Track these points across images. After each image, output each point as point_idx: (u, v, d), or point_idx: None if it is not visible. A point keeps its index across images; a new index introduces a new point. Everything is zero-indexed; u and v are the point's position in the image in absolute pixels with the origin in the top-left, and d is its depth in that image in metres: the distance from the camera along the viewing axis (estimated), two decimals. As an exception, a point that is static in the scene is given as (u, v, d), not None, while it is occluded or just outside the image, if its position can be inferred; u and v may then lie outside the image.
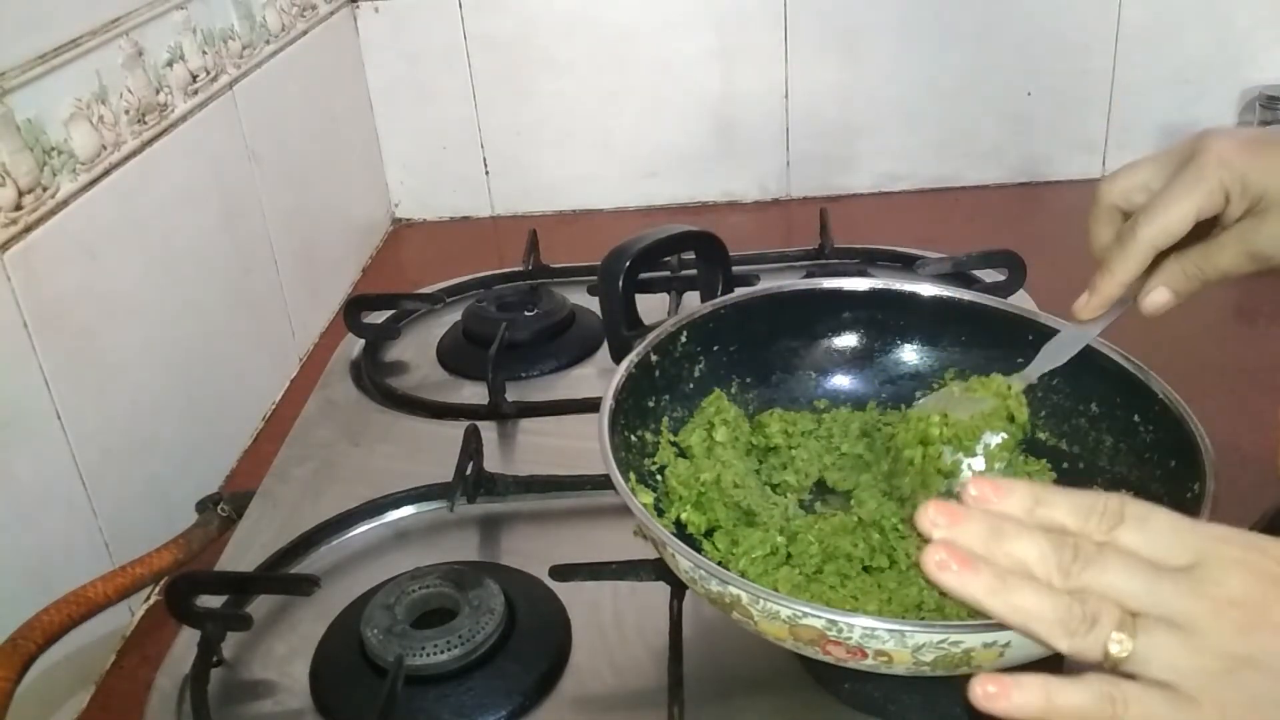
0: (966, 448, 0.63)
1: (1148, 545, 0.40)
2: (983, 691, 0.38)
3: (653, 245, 0.77)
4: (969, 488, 0.41)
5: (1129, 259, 0.58)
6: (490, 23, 1.28)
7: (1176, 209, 0.56)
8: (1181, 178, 0.56)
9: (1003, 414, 0.63)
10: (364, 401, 0.93)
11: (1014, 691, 0.38)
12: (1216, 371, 0.93)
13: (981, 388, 0.65)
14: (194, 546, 0.76)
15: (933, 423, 0.63)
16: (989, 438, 0.63)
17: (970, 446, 0.63)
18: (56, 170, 0.71)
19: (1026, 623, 0.39)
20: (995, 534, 0.40)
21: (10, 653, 0.60)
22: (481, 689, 0.62)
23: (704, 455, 0.66)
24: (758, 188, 1.36)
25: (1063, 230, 1.26)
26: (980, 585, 0.39)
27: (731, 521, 0.63)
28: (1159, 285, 0.59)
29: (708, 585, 0.52)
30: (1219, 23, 1.26)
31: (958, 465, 0.63)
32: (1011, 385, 0.64)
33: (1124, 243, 0.58)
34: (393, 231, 1.38)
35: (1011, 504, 0.41)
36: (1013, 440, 0.63)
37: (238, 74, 0.98)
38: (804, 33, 1.27)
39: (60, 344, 0.70)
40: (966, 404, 0.64)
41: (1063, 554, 0.39)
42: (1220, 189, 0.55)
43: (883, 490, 0.67)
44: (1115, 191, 0.60)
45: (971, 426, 0.63)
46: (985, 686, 0.38)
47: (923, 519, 0.40)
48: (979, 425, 0.63)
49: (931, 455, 0.63)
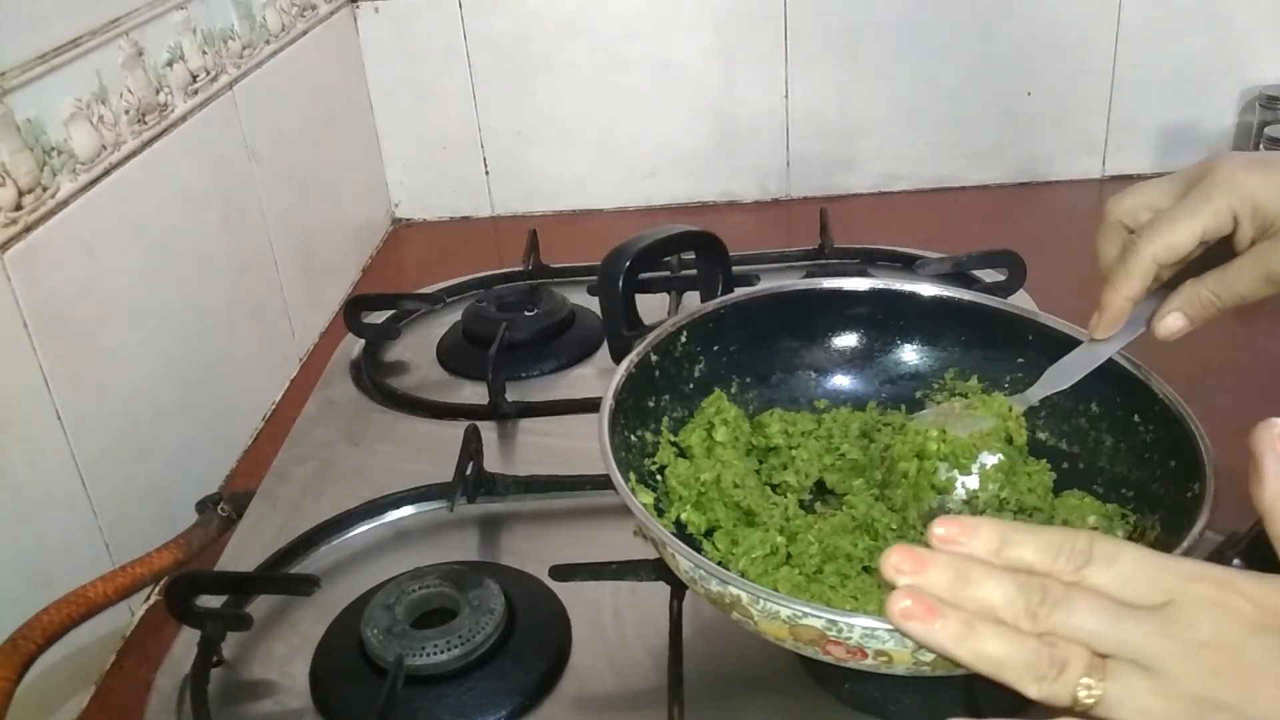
0: (962, 466, 0.62)
1: (1117, 585, 0.39)
2: None
3: (653, 245, 0.76)
4: (935, 528, 0.41)
5: (1132, 275, 0.57)
6: (490, 23, 1.28)
7: (1181, 226, 0.55)
8: (1189, 197, 0.56)
9: (1001, 435, 0.63)
10: (364, 401, 0.93)
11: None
12: (1216, 371, 0.93)
13: (983, 406, 0.64)
14: (194, 546, 0.76)
15: (930, 437, 0.63)
16: (985, 457, 0.63)
17: (966, 465, 0.62)
18: (56, 170, 0.71)
19: (995, 670, 0.39)
20: (961, 579, 0.40)
21: (10, 653, 0.60)
22: (481, 689, 0.62)
23: (704, 455, 0.66)
24: (758, 188, 1.36)
25: (1063, 230, 1.26)
26: (947, 634, 0.39)
27: (731, 521, 0.63)
28: (1173, 310, 0.58)
29: (708, 585, 0.52)
30: (1219, 23, 1.26)
31: (952, 482, 0.62)
32: (1013, 407, 0.64)
33: (1126, 258, 0.57)
34: (393, 231, 1.38)
35: (978, 545, 0.41)
36: (1009, 462, 0.63)
37: (238, 74, 0.98)
38: (804, 33, 1.27)
39: (60, 344, 0.70)
40: (966, 422, 0.64)
41: (1030, 596, 0.39)
42: (1228, 210, 0.55)
43: (874, 495, 0.67)
44: (1122, 209, 0.59)
45: (969, 445, 0.63)
46: None
47: (886, 566, 0.40)
48: (976, 444, 0.63)
49: (927, 470, 0.63)
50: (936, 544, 0.41)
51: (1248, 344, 1.00)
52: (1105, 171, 1.34)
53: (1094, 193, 1.33)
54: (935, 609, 0.39)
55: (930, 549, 0.41)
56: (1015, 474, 0.63)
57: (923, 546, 0.41)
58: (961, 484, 0.62)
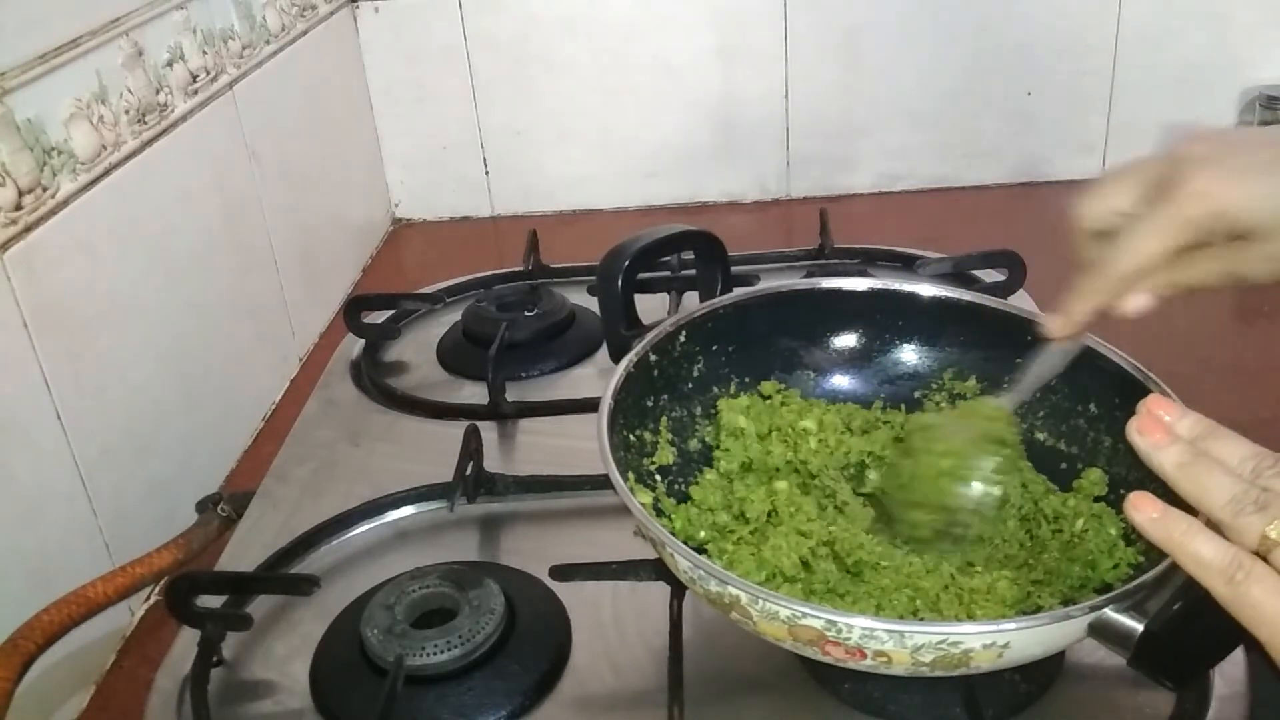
0: (963, 476, 0.62)
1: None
2: (1137, 502, 0.46)
3: (652, 245, 0.76)
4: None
5: (1098, 292, 0.56)
6: (490, 23, 1.28)
7: (1151, 243, 0.53)
8: (1158, 211, 0.53)
9: (994, 436, 0.63)
10: (364, 401, 0.93)
11: (1163, 516, 0.45)
12: (1216, 371, 0.93)
13: (972, 412, 0.64)
14: (194, 546, 0.76)
15: (937, 452, 0.63)
16: (984, 461, 0.62)
17: (967, 475, 0.62)
18: (56, 170, 0.71)
19: (1200, 493, 0.45)
20: (1207, 432, 0.47)
21: (10, 653, 0.60)
22: (481, 689, 0.62)
23: (724, 483, 0.66)
24: (758, 188, 1.36)
25: (1062, 230, 1.25)
26: (1171, 455, 0.47)
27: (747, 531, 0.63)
28: (1140, 290, 0.57)
29: (707, 585, 0.52)
30: (1219, 23, 1.26)
31: (956, 495, 0.62)
32: (998, 408, 0.64)
33: (1097, 275, 0.56)
34: (393, 231, 1.38)
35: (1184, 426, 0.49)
36: (1009, 463, 0.63)
37: (238, 74, 0.98)
38: (804, 33, 1.27)
39: (60, 344, 0.71)
40: (959, 428, 0.63)
41: (1264, 460, 0.45)
42: (1198, 225, 0.52)
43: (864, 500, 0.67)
44: (1089, 217, 0.58)
45: (966, 452, 0.62)
46: (1144, 501, 0.46)
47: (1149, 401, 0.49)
48: (973, 450, 0.62)
49: (942, 485, 0.63)
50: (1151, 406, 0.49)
51: (1248, 344, 1.00)
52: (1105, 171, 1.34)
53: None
54: (1170, 435, 0.47)
55: None
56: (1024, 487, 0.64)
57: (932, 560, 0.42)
58: (965, 494, 0.62)
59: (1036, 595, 0.57)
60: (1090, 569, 0.59)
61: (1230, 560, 0.43)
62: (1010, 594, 0.57)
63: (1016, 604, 0.57)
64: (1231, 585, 0.42)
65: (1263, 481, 0.44)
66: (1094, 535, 0.60)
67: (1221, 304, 1.05)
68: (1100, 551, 0.59)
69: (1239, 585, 0.42)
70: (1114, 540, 0.60)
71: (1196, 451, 0.46)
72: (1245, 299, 1.07)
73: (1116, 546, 0.59)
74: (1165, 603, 0.47)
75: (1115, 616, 0.48)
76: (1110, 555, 0.59)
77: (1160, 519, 0.46)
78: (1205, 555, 0.44)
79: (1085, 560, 0.59)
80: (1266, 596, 0.42)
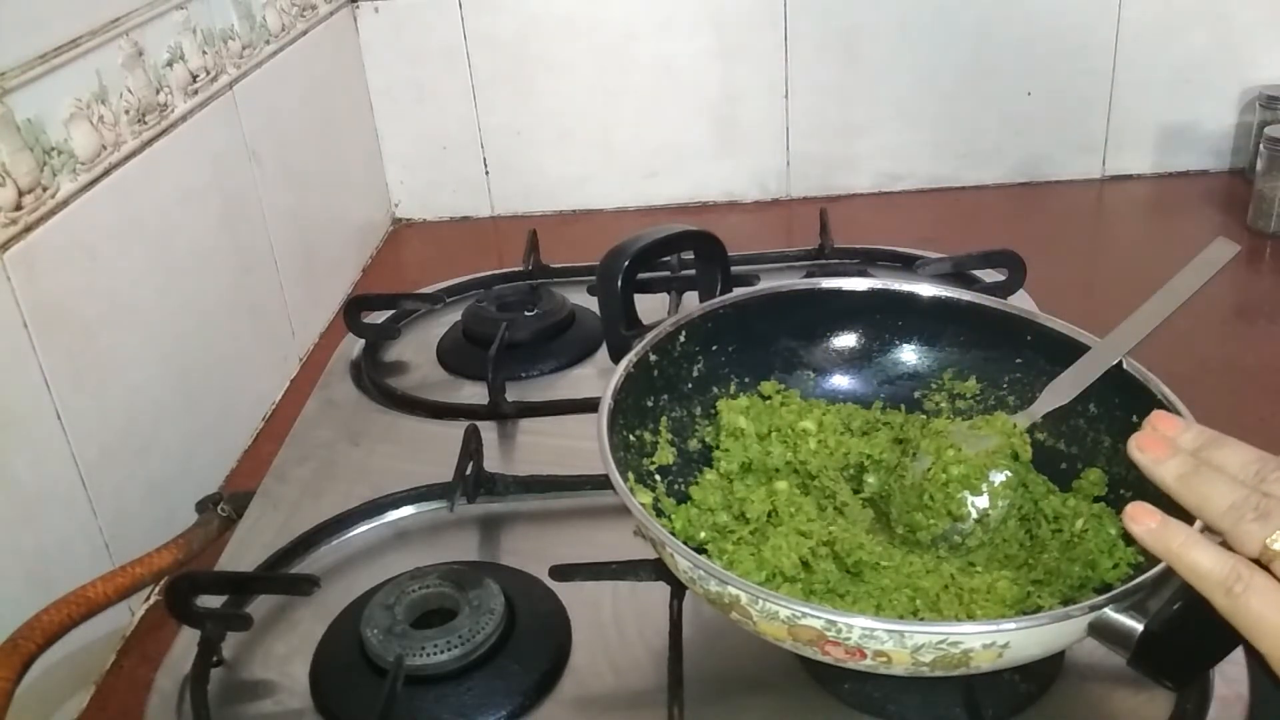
0: (973, 486, 0.63)
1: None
2: (1135, 514, 0.45)
3: (652, 245, 0.76)
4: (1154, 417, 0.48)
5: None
6: (490, 23, 1.28)
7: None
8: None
9: (1007, 451, 0.63)
10: (364, 401, 0.93)
11: (1161, 527, 0.45)
12: (1216, 371, 0.93)
13: (986, 425, 0.64)
14: (194, 546, 0.76)
15: (949, 459, 0.63)
16: (994, 475, 0.63)
17: (977, 485, 0.63)
18: (56, 170, 0.71)
19: (1200, 503, 0.44)
20: (1210, 442, 0.46)
21: (10, 653, 0.60)
22: (481, 689, 0.62)
23: (724, 484, 0.66)
24: (758, 188, 1.36)
25: (1063, 230, 1.26)
26: (1170, 469, 0.46)
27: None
28: None
29: (706, 585, 0.52)
30: (1219, 23, 1.26)
31: (963, 502, 0.62)
32: (1016, 424, 0.64)
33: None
34: (393, 231, 1.38)
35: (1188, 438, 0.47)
36: (1017, 479, 0.63)
37: (238, 74, 0.98)
38: (804, 33, 1.27)
39: (60, 344, 0.71)
40: (972, 441, 0.64)
41: (1267, 464, 0.44)
42: None
43: (863, 501, 0.67)
44: None
45: (978, 464, 0.63)
46: (1141, 512, 0.45)
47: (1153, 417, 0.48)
48: (985, 463, 0.63)
49: (951, 491, 0.63)
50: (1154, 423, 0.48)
51: (1248, 344, 1.00)
52: (1105, 171, 1.34)
53: (1094, 193, 1.33)
54: (1169, 448, 0.46)
55: None
56: (1024, 487, 0.64)
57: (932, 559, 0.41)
58: (972, 504, 0.62)
59: (1036, 595, 0.57)
60: (1090, 569, 0.59)
61: (1229, 572, 0.42)
62: (1010, 594, 0.57)
63: (1016, 604, 0.57)
64: (1230, 597, 0.42)
65: (1266, 486, 0.44)
66: (1094, 535, 0.60)
67: (1221, 304, 1.05)
68: (1100, 551, 0.59)
69: (1238, 597, 0.42)
70: (1114, 540, 0.60)
71: (1197, 462, 0.46)
72: (1245, 299, 1.07)
73: (1116, 546, 0.59)
74: (1165, 603, 0.47)
75: (1115, 616, 0.48)
76: (1110, 555, 0.59)
77: (1158, 530, 0.45)
78: (1204, 566, 0.43)
79: (1085, 560, 0.59)
80: (1266, 609, 0.41)
